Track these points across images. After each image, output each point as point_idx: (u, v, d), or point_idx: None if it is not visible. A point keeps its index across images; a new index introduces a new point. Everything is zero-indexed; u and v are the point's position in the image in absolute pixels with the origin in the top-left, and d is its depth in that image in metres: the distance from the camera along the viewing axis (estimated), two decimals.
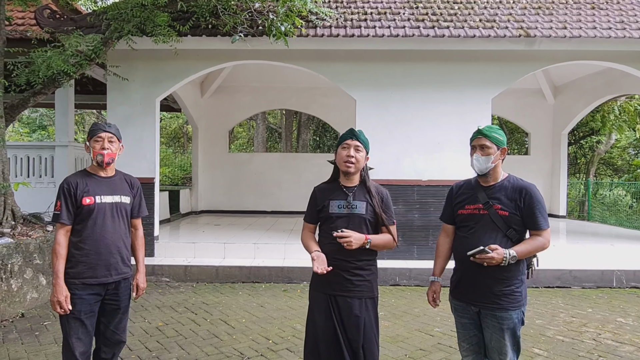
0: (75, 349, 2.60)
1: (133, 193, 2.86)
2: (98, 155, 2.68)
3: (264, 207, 11.52)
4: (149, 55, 6.96)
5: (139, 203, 2.91)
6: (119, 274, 2.73)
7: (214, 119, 11.54)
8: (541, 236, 2.42)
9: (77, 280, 2.62)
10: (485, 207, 2.47)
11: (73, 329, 2.61)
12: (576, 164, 16.31)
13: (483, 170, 2.50)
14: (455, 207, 2.62)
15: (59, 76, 5.92)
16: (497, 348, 2.43)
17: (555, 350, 4.06)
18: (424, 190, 6.94)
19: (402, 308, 5.32)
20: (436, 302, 2.69)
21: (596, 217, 12.67)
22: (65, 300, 2.56)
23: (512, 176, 2.56)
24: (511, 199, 2.44)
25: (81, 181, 2.69)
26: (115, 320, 2.77)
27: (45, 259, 5.43)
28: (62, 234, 2.63)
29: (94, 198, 2.67)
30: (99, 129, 2.71)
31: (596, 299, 5.82)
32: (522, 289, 2.43)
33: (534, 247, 2.41)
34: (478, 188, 2.56)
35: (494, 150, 2.47)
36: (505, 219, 2.42)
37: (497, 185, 2.51)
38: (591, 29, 6.74)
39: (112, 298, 2.74)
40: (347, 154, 2.59)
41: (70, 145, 7.86)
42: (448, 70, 7.09)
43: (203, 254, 6.89)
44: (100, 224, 2.66)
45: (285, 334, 4.44)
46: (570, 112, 10.78)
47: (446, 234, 2.72)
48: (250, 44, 6.60)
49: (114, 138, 2.74)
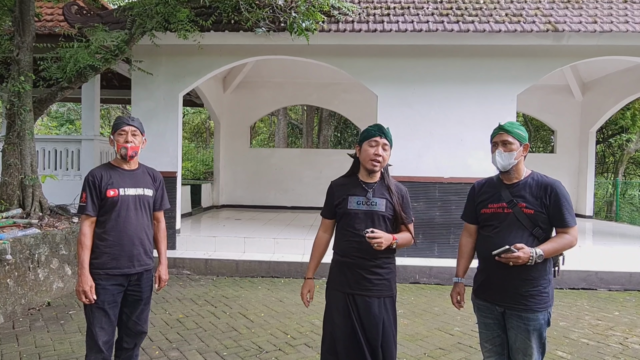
0: (98, 338, 2.65)
1: (155, 186, 2.90)
2: (122, 149, 2.73)
3: (284, 202, 11.56)
4: (172, 51, 7.04)
5: (162, 196, 2.95)
6: (141, 265, 2.78)
7: (235, 114, 11.62)
8: (568, 234, 2.35)
9: (100, 270, 2.67)
10: (510, 206, 2.40)
11: (97, 318, 2.66)
12: (604, 162, 15.87)
13: (506, 167, 2.43)
14: (478, 206, 2.56)
15: (85, 70, 6.04)
16: (522, 349, 2.38)
17: (579, 354, 3.96)
18: (445, 187, 6.85)
19: (422, 306, 5.27)
20: (461, 303, 2.64)
21: (624, 217, 12.32)
22: (90, 290, 2.61)
23: (536, 173, 2.49)
24: (536, 196, 2.37)
25: (105, 174, 2.74)
26: (137, 311, 2.82)
27: (70, 249, 5.56)
28: (87, 225, 2.68)
29: (117, 190, 2.71)
30: (123, 123, 2.75)
31: (623, 302, 5.66)
32: (549, 289, 2.37)
33: (561, 246, 2.33)
34: (501, 186, 2.49)
35: (516, 146, 2.41)
36: (530, 217, 2.35)
37: (520, 183, 2.44)
38: (623, 23, 6.52)
39: (134, 289, 2.79)
40: (375, 152, 2.53)
41: (96, 139, 8.01)
42: (472, 65, 6.96)
43: (223, 248, 6.96)
44: (123, 216, 2.71)
45: (304, 329, 4.45)
46: (599, 109, 10.47)
47: (469, 234, 2.66)
48: (273, 39, 6.61)
49: (137, 132, 2.78)
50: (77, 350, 3.80)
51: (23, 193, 5.97)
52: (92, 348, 2.67)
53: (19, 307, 4.69)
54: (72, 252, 5.59)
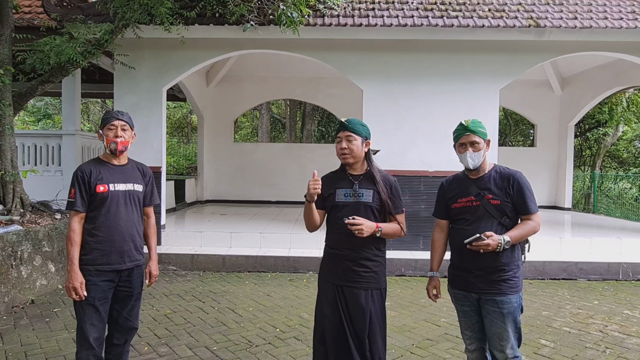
0: (89, 334, 2.63)
1: (145, 181, 2.88)
2: (111, 143, 2.70)
3: (269, 197, 11.55)
4: (155, 44, 6.94)
5: (151, 191, 2.93)
6: (132, 261, 2.76)
7: (219, 108, 11.53)
8: (532, 220, 2.49)
9: (91, 267, 2.64)
10: (478, 199, 2.52)
11: (87, 315, 2.64)
12: (582, 156, 16.23)
13: (477, 166, 2.55)
14: (448, 202, 2.66)
15: (67, 64, 5.91)
16: (498, 334, 2.48)
17: (562, 342, 4.07)
18: (430, 181, 6.93)
19: (408, 298, 5.35)
20: (437, 296, 2.74)
21: (602, 209, 12.64)
22: (81, 286, 2.58)
23: (498, 165, 2.63)
24: (500, 187, 2.51)
25: (95, 169, 2.70)
26: (128, 306, 2.80)
27: (54, 246, 5.47)
28: (76, 221, 2.65)
29: (107, 186, 2.68)
30: (112, 117, 2.72)
31: (602, 291, 5.83)
32: (519, 275, 2.51)
33: (526, 231, 2.48)
34: (468, 181, 2.61)
35: (482, 144, 2.54)
36: (497, 207, 2.49)
37: (485, 177, 2.57)
38: (602, 20, 6.67)
39: (125, 285, 2.77)
40: (340, 147, 2.62)
41: (78, 134, 7.86)
42: (456, 60, 7.05)
43: (209, 243, 6.93)
44: (113, 212, 2.68)
45: (293, 322, 4.47)
46: (577, 104, 10.71)
47: (440, 229, 2.76)
48: (258, 33, 6.57)
49: (127, 126, 2.75)
50: (64, 348, 3.76)
51: (3, 189, 5.85)
52: (82, 345, 2.65)
53: (2, 306, 4.61)
54: (55, 249, 5.50)
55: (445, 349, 3.89)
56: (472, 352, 2.66)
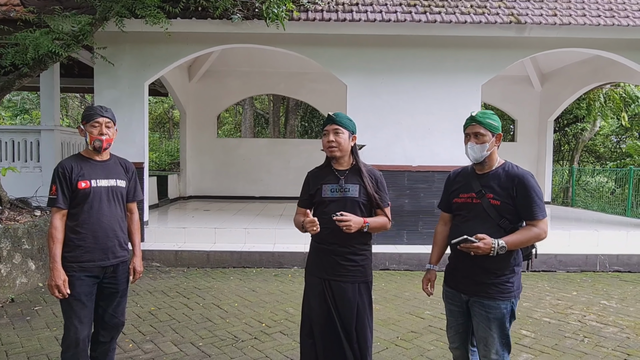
0: (79, 332, 2.59)
1: (128, 177, 2.84)
2: (96, 141, 2.64)
3: (253, 192, 11.51)
4: (137, 38, 6.83)
5: (134, 187, 2.89)
6: (116, 257, 2.72)
7: (202, 103, 11.42)
8: (536, 227, 2.30)
9: (74, 264, 2.60)
10: (478, 196, 2.39)
11: (75, 311, 2.60)
12: (560, 151, 16.55)
13: (478, 159, 2.41)
14: (451, 195, 2.56)
15: (46, 57, 5.78)
16: (483, 339, 2.37)
17: (542, 332, 4.17)
18: (414, 175, 7.00)
19: (393, 292, 5.40)
20: (431, 290, 2.67)
21: (579, 203, 12.92)
22: (64, 284, 2.54)
23: (508, 163, 2.45)
24: (504, 187, 2.34)
25: (76, 165, 2.65)
26: (114, 303, 2.77)
27: (34, 243, 5.37)
28: (57, 218, 2.60)
29: (89, 182, 2.64)
30: (96, 114, 2.66)
31: (580, 282, 5.98)
32: (514, 280, 2.35)
33: (527, 238, 2.30)
34: (473, 176, 2.48)
35: (488, 137, 2.37)
36: (497, 208, 2.33)
37: (491, 174, 2.41)
38: (581, 17, 6.81)
39: (110, 281, 2.73)
40: (327, 139, 2.62)
41: (57, 129, 7.70)
42: (440, 56, 7.11)
43: (193, 239, 6.88)
44: (96, 208, 2.65)
45: (278, 317, 4.48)
46: (556, 99, 10.91)
47: (444, 222, 2.68)
48: (242, 27, 6.52)
49: (111, 123, 2.70)
50: (46, 347, 3.70)
51: None
52: (70, 343, 2.61)
53: None
54: (35, 246, 5.40)
55: (429, 340, 3.95)
56: (455, 349, 2.62)
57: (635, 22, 6.71)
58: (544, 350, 3.77)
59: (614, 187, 13.90)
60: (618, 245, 6.99)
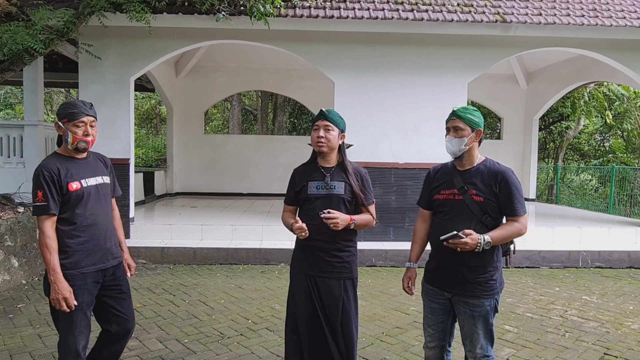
0: (78, 343, 2.46)
1: (108, 172, 2.73)
2: (81, 142, 2.47)
3: (240, 189, 11.48)
4: (123, 33, 6.76)
5: (113, 182, 2.77)
6: (114, 257, 2.63)
7: (189, 99, 11.35)
8: (517, 222, 2.35)
9: (74, 271, 2.44)
10: (460, 193, 2.38)
11: (77, 322, 2.44)
12: (545, 148, 16.77)
13: (456, 153, 2.42)
14: (432, 191, 2.53)
15: (26, 52, 5.69)
16: (469, 335, 2.40)
17: (524, 327, 4.24)
18: (401, 173, 7.04)
19: (379, 288, 5.44)
20: (411, 289, 2.64)
21: (564, 200, 13.12)
22: (70, 295, 2.38)
23: (490, 160, 2.47)
24: (486, 184, 2.35)
25: (61, 166, 2.45)
26: (124, 304, 2.67)
27: (17, 240, 5.30)
28: (49, 225, 2.39)
29: (80, 182, 2.47)
30: (81, 112, 2.45)
31: (563, 278, 6.08)
32: (497, 277, 2.38)
33: (510, 233, 2.34)
34: (454, 172, 2.47)
35: (467, 132, 2.38)
36: (480, 204, 2.34)
37: (472, 170, 2.42)
38: (565, 16, 6.89)
39: (112, 283, 2.62)
40: (317, 135, 2.62)
41: (40, 125, 7.59)
42: (426, 54, 7.15)
43: (180, 236, 6.85)
44: (90, 209, 2.51)
45: (265, 314, 4.49)
46: (542, 97, 11.04)
47: (423, 219, 2.64)
48: (230, 23, 6.48)
49: (95, 121, 2.55)
50: (29, 344, 3.67)
51: None
52: (69, 353, 2.45)
53: None
54: (18, 243, 5.33)
55: (414, 336, 3.99)
56: (430, 349, 2.57)
57: (618, 23, 6.82)
58: (526, 345, 3.83)
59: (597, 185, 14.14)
60: (600, 242, 7.12)
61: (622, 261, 6.69)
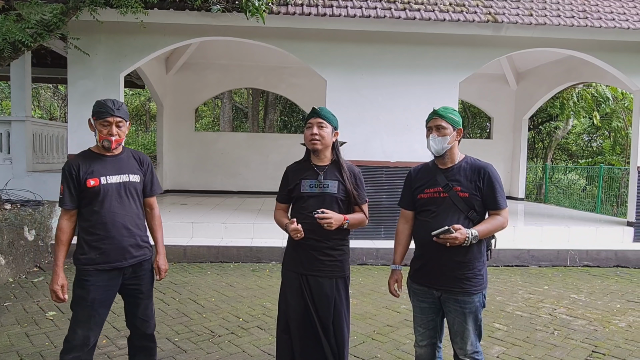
0: (85, 339, 2.47)
1: (143, 170, 2.70)
2: (105, 141, 2.51)
3: (231, 187, 11.43)
4: (113, 28, 6.67)
5: (151, 180, 2.74)
6: (133, 257, 2.58)
7: (179, 96, 11.26)
8: (500, 215, 2.42)
9: (89, 266, 2.47)
10: (445, 190, 2.42)
11: (86, 317, 2.47)
12: (534, 148, 16.93)
13: (440, 151, 2.46)
14: (415, 191, 2.56)
15: (13, 47, 5.59)
16: (460, 332, 2.43)
17: (514, 325, 4.28)
18: (392, 171, 7.06)
19: (370, 286, 5.45)
20: (398, 292, 2.65)
21: (552, 199, 13.26)
22: (61, 289, 2.44)
23: (469, 157, 2.54)
24: (470, 179, 2.41)
25: (84, 163, 2.52)
26: (142, 306, 2.66)
27: (3, 238, 5.23)
28: (64, 219, 2.50)
29: (99, 179, 2.50)
30: (107, 112, 2.49)
31: (552, 277, 6.14)
32: (483, 272, 2.43)
33: (494, 227, 2.39)
34: (436, 171, 2.51)
35: (450, 130, 2.45)
36: (466, 200, 2.39)
37: (455, 167, 2.47)
38: (555, 17, 6.95)
39: (132, 282, 2.61)
40: (310, 132, 2.61)
41: (28, 121, 7.48)
42: (418, 53, 7.17)
43: (170, 234, 6.77)
44: (108, 206, 2.50)
45: (256, 312, 4.48)
46: (531, 98, 11.13)
47: (405, 220, 2.64)
48: (226, 19, 6.44)
49: (123, 121, 2.55)
50: (17, 343, 3.62)
51: None
52: (74, 346, 2.46)
53: None
54: (5, 240, 5.25)
55: (405, 334, 4.00)
56: (421, 347, 2.59)
57: (607, 24, 6.89)
58: (516, 343, 3.86)
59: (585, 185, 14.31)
60: (588, 240, 7.21)
61: (609, 260, 6.77)
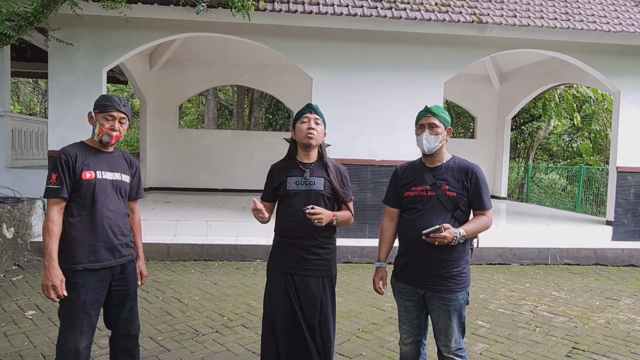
0: (79, 343, 2.37)
1: (132, 172, 2.65)
2: (105, 135, 2.45)
3: (216, 185, 11.34)
4: (95, 22, 6.56)
5: (138, 184, 2.70)
6: (123, 256, 2.53)
7: (163, 93, 11.12)
8: (485, 216, 2.45)
9: (78, 266, 2.37)
10: (433, 189, 2.43)
11: (78, 321, 2.37)
12: (517, 148, 17.17)
13: (432, 150, 2.46)
14: (401, 189, 2.56)
15: None
16: (444, 329, 2.44)
17: (497, 322, 4.33)
18: (377, 170, 7.08)
19: (355, 285, 5.46)
20: (382, 289, 2.66)
21: (533, 199, 13.48)
22: (61, 284, 2.31)
23: (457, 157, 2.56)
24: (458, 179, 2.43)
25: (80, 153, 2.44)
26: (127, 307, 2.60)
27: None
28: (56, 210, 2.36)
29: (94, 173, 2.43)
30: (113, 107, 2.44)
31: (533, 274, 6.23)
32: (467, 270, 2.46)
33: (480, 227, 2.42)
34: (424, 169, 2.52)
35: (442, 129, 2.45)
36: (452, 199, 2.41)
37: (443, 166, 2.48)
38: (539, 19, 7.05)
39: (119, 283, 2.54)
40: (307, 126, 2.58)
41: (7, 116, 7.31)
42: (404, 52, 7.20)
43: (153, 232, 6.71)
44: (101, 202, 2.44)
45: (240, 310, 4.45)
46: (514, 98, 11.28)
47: (391, 218, 2.65)
48: (211, 15, 6.37)
49: (125, 119, 2.50)
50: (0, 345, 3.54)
51: None
52: (68, 352, 2.37)
53: None
54: None
55: (389, 332, 4.02)
56: (406, 345, 2.60)
57: (589, 27, 7.01)
58: (498, 340, 3.91)
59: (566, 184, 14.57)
60: (568, 239, 7.34)
61: (589, 258, 6.91)
